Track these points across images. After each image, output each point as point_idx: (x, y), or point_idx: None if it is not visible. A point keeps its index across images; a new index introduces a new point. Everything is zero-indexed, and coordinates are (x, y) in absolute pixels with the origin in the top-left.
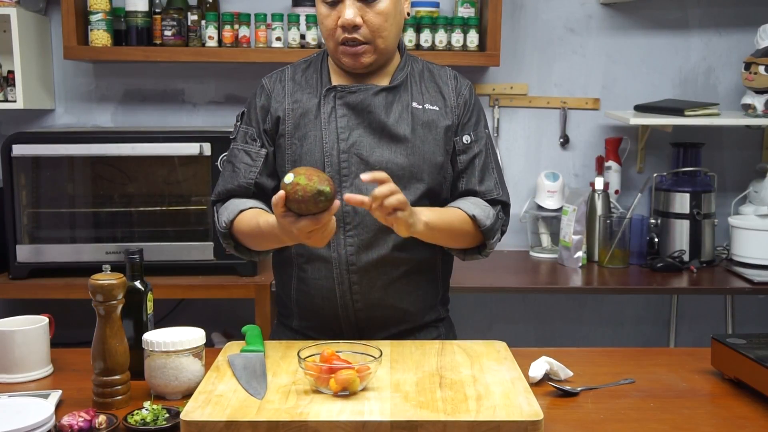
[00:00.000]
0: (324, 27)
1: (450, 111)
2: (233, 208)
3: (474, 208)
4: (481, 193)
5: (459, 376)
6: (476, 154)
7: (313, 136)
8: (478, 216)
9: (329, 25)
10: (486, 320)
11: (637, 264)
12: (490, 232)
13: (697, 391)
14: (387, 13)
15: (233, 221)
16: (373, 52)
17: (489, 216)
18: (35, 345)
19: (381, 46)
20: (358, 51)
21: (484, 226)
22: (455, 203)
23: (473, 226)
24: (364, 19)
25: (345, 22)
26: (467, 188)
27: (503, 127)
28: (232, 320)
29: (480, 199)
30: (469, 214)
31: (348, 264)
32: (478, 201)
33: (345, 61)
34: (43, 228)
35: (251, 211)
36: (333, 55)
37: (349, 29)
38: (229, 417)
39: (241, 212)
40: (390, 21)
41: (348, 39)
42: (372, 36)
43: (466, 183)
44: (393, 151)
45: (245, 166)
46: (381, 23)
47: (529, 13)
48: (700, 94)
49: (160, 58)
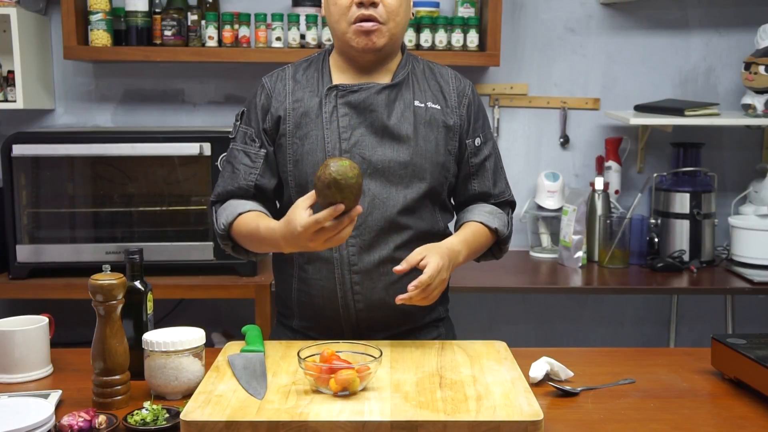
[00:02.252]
0: (336, 8)
1: (451, 110)
2: (232, 210)
3: (493, 219)
4: (495, 195)
5: (459, 376)
6: (487, 155)
7: (315, 135)
8: (499, 228)
9: (344, 3)
10: (486, 320)
11: (637, 264)
12: (508, 239)
13: (697, 391)
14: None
15: (232, 223)
16: (385, 33)
17: (506, 224)
18: (35, 345)
19: (393, 30)
20: (371, 29)
21: (503, 236)
22: (474, 215)
23: (492, 237)
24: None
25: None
26: (481, 191)
27: (503, 127)
28: (232, 320)
29: (493, 206)
30: (491, 228)
31: (350, 264)
32: (494, 210)
33: (357, 42)
34: (43, 228)
35: (250, 214)
36: (342, 38)
37: (367, 5)
38: (229, 417)
39: (240, 215)
40: (403, 7)
41: (364, 16)
42: (387, 17)
43: (479, 185)
44: (395, 150)
45: (245, 168)
46: (397, 6)
47: (529, 13)
48: (700, 94)
49: (160, 58)
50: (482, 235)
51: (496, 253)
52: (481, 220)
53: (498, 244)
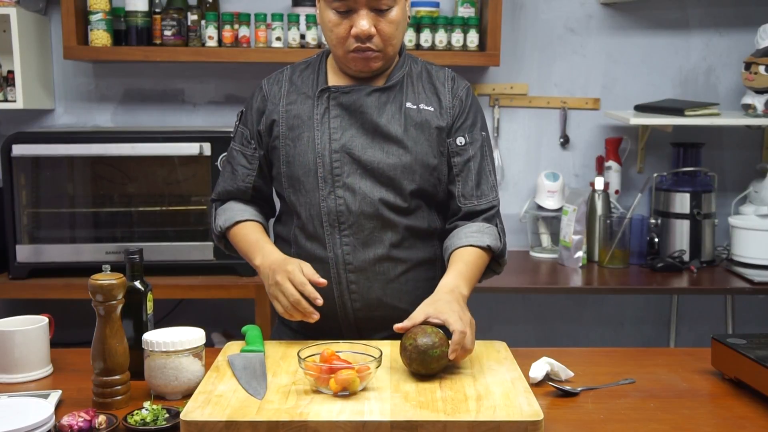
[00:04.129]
0: (334, 35)
1: (445, 112)
2: (230, 215)
3: (483, 237)
4: (476, 197)
5: (459, 376)
6: (471, 156)
7: (306, 137)
8: (492, 244)
9: (340, 33)
10: (486, 320)
11: (637, 264)
12: (504, 252)
13: (697, 391)
14: (398, 21)
15: (229, 228)
16: (381, 59)
17: (497, 237)
18: (35, 345)
19: (390, 53)
20: (369, 56)
21: (498, 250)
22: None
23: (487, 255)
24: (377, 29)
25: (360, 32)
26: (463, 192)
27: (503, 127)
28: (232, 320)
29: (480, 223)
30: (483, 247)
31: (345, 264)
32: (481, 227)
33: (354, 65)
34: (43, 228)
35: (248, 226)
36: (341, 60)
37: (363, 39)
38: (229, 417)
39: (238, 223)
40: (400, 28)
41: (361, 48)
42: (384, 45)
43: (462, 187)
44: (385, 152)
45: (242, 169)
46: (393, 32)
47: (529, 13)
48: (700, 94)
49: (160, 58)
50: (477, 259)
51: (496, 269)
52: (469, 243)
53: (495, 259)
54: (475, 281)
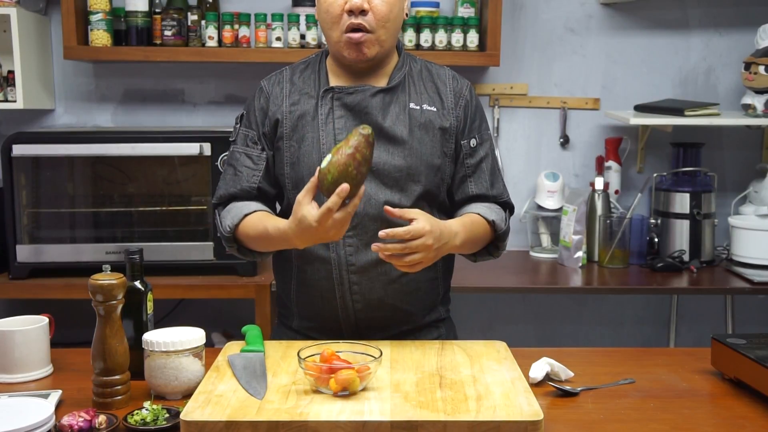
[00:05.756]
0: (329, 15)
1: (448, 112)
2: (237, 211)
3: (491, 213)
4: (492, 197)
5: (459, 376)
6: (483, 156)
7: (311, 137)
8: (497, 221)
9: (335, 11)
10: (486, 320)
11: (637, 264)
12: (505, 236)
13: (697, 391)
14: (392, 3)
15: (238, 225)
16: (375, 43)
17: (503, 219)
18: (35, 345)
19: (383, 38)
20: (361, 40)
21: (500, 230)
22: (472, 208)
23: (490, 231)
24: (371, 5)
25: (353, 5)
26: (478, 192)
27: (503, 127)
28: (232, 320)
29: (492, 203)
30: (488, 220)
31: (347, 264)
32: (492, 205)
33: (347, 54)
34: (43, 228)
35: (257, 215)
36: (335, 48)
37: (356, 13)
38: (229, 417)
39: (246, 216)
40: (394, 12)
41: (354, 25)
42: (376, 25)
43: (476, 187)
44: (390, 153)
45: (247, 170)
46: (386, 12)
47: (529, 13)
48: (700, 94)
49: (160, 58)
50: (480, 225)
51: (493, 252)
52: (478, 211)
53: (495, 241)
54: (471, 244)
